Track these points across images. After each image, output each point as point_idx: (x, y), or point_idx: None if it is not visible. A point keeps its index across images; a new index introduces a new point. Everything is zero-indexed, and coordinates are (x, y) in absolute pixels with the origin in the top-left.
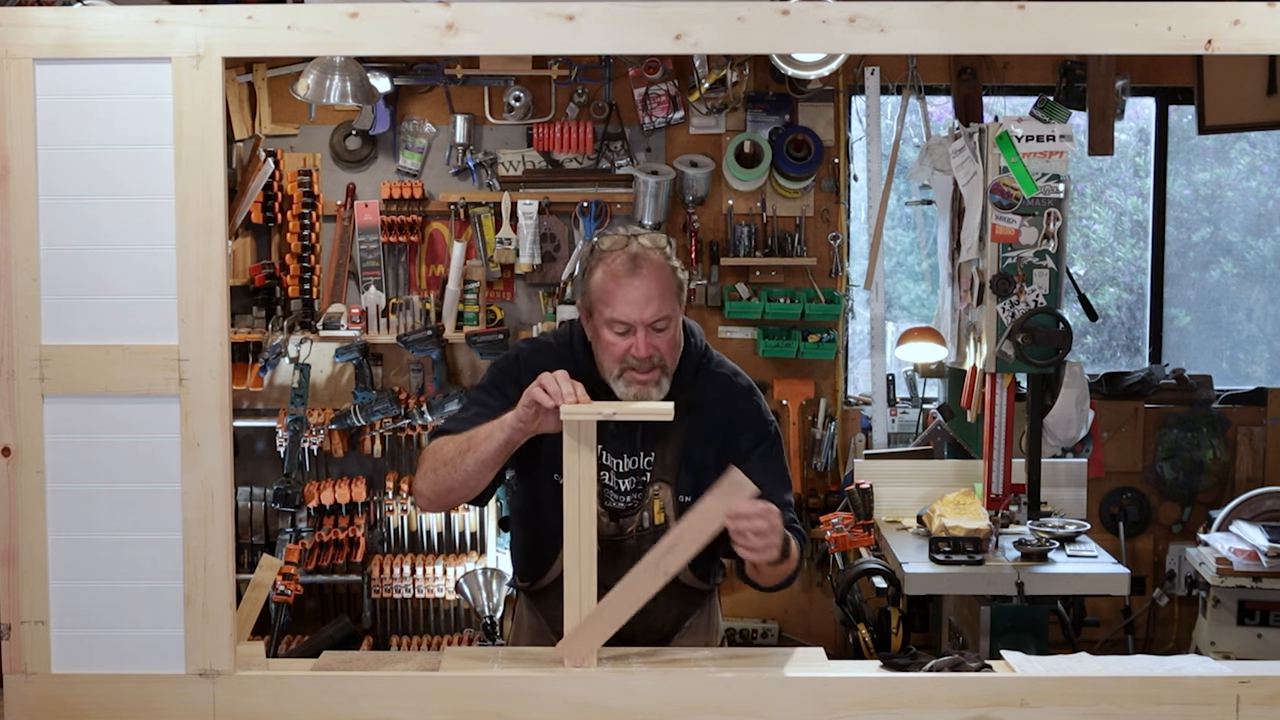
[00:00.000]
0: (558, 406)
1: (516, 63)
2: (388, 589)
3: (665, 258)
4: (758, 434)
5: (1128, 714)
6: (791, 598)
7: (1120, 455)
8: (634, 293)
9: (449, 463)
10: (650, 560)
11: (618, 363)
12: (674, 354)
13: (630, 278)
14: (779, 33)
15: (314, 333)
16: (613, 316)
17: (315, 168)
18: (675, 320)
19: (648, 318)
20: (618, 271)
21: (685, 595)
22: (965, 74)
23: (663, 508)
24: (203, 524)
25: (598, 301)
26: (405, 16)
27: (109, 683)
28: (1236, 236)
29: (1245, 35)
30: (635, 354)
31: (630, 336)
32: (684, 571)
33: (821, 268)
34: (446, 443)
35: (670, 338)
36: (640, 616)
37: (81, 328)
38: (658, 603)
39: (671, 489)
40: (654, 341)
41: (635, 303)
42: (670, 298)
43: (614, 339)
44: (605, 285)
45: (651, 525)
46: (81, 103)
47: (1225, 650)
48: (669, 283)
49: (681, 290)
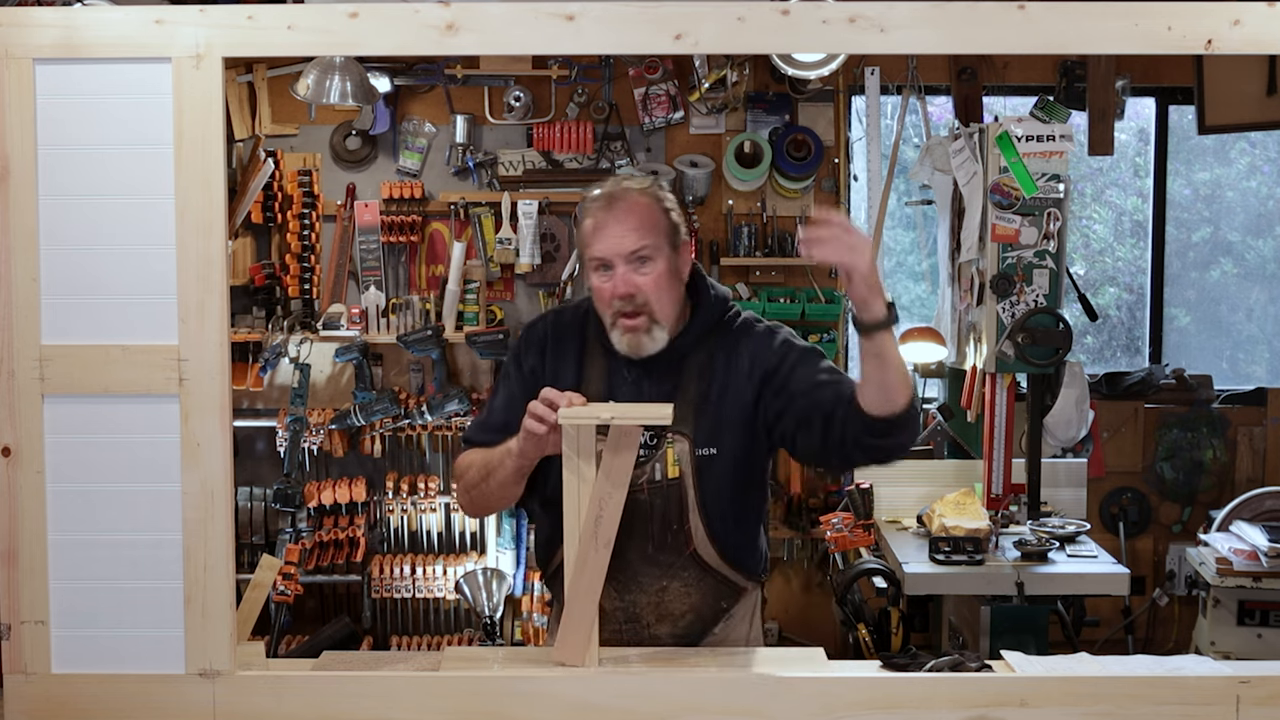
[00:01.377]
0: (557, 428)
1: (516, 63)
2: (388, 589)
3: (653, 198)
4: (780, 353)
5: (1128, 714)
6: (791, 597)
7: (1120, 455)
8: (609, 226)
9: (476, 486)
10: (587, 538)
11: (608, 308)
12: (663, 298)
13: (606, 214)
14: (779, 33)
15: (314, 333)
16: (591, 254)
17: (315, 168)
18: (663, 258)
19: (625, 250)
20: (595, 212)
21: (716, 588)
22: (965, 74)
23: (676, 460)
24: (203, 524)
25: (583, 249)
26: (405, 16)
27: (109, 683)
28: (1236, 236)
29: (1245, 35)
30: (615, 293)
31: (611, 274)
32: (713, 557)
33: (821, 268)
34: (470, 465)
35: (655, 276)
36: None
37: (81, 328)
38: (670, 582)
39: (689, 441)
40: (633, 279)
41: (611, 236)
42: (651, 232)
43: (600, 283)
44: (585, 229)
45: (664, 478)
46: (81, 103)
47: (1225, 650)
48: (651, 217)
49: (675, 231)
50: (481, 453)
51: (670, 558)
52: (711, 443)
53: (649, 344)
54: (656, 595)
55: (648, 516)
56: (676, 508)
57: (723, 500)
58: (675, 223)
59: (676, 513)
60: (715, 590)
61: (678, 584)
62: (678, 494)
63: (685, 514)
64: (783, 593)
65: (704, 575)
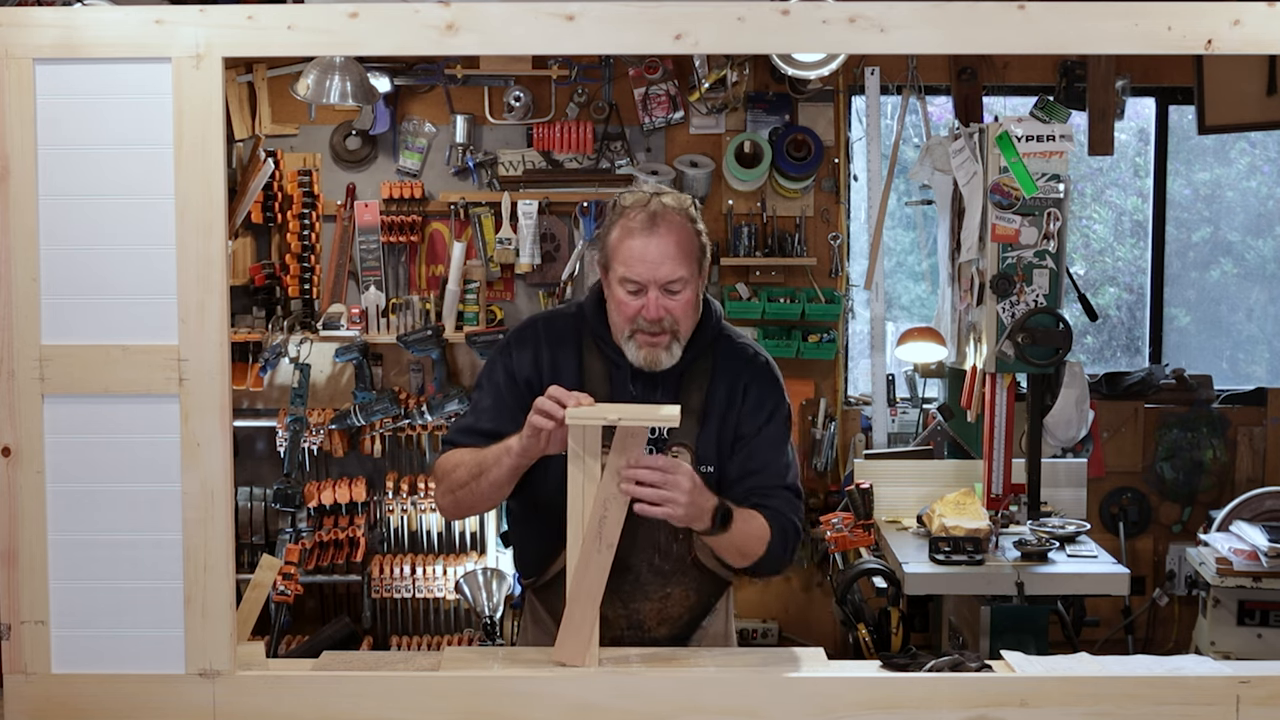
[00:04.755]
0: (561, 428)
1: (516, 63)
2: (388, 589)
3: (688, 219)
4: (771, 411)
5: (1128, 714)
6: (791, 597)
7: (1120, 455)
8: (649, 251)
9: (464, 486)
10: (590, 539)
11: (629, 323)
12: (688, 320)
13: (646, 235)
14: (779, 33)
15: (314, 333)
16: (625, 275)
17: (315, 168)
18: (693, 285)
19: (661, 278)
20: (634, 228)
21: (711, 587)
22: (965, 74)
23: None
24: (203, 524)
25: (612, 258)
26: (405, 16)
27: (109, 683)
28: (1236, 236)
29: (1245, 35)
30: (645, 315)
31: (642, 296)
32: (711, 560)
33: (821, 268)
34: (459, 465)
35: (685, 302)
36: (658, 606)
37: (81, 328)
38: (673, 589)
39: (692, 454)
40: (666, 304)
41: (649, 261)
42: (687, 260)
43: (626, 298)
44: (620, 242)
45: None
46: (81, 103)
47: (1225, 650)
48: (688, 245)
49: (703, 255)
50: (471, 452)
51: (675, 566)
52: (709, 461)
53: (666, 359)
54: (660, 602)
55: (654, 527)
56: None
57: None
58: (704, 245)
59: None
60: (710, 589)
61: (680, 589)
62: None
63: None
64: (783, 593)
65: (702, 577)
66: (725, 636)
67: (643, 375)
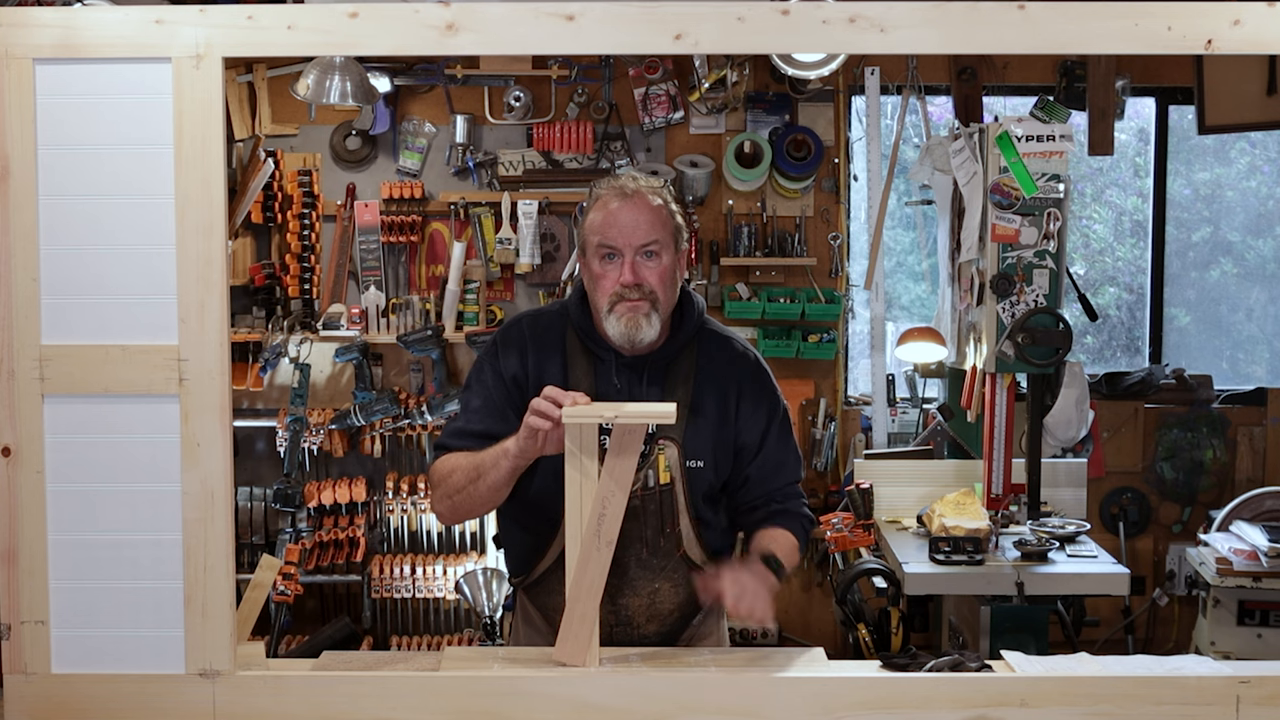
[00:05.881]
0: (558, 428)
1: (516, 63)
2: (388, 589)
3: (661, 199)
4: (769, 413)
5: (1128, 714)
6: (791, 597)
7: (1120, 455)
8: (622, 216)
9: (461, 490)
10: (589, 537)
11: (608, 296)
12: (665, 291)
13: (619, 206)
14: (779, 33)
15: (314, 333)
16: (600, 241)
17: (315, 168)
18: (669, 255)
19: (636, 242)
20: (608, 201)
21: (693, 580)
22: (965, 74)
23: (668, 467)
24: (203, 524)
25: (589, 236)
26: (405, 16)
27: (109, 683)
28: (1236, 236)
29: (1245, 35)
30: (623, 280)
31: (618, 262)
32: (699, 555)
33: (821, 268)
34: (454, 470)
35: (661, 272)
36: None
37: (81, 328)
38: (661, 584)
39: (679, 449)
40: (642, 272)
41: (622, 226)
42: (662, 228)
43: (603, 269)
44: (595, 219)
45: (656, 485)
46: (81, 103)
47: (1225, 650)
48: (660, 215)
49: (679, 233)
50: (466, 456)
51: (663, 561)
52: (698, 456)
53: (646, 328)
54: (648, 598)
55: (642, 522)
56: (669, 513)
57: (709, 503)
58: (679, 225)
59: (669, 517)
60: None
61: (668, 585)
62: (670, 499)
63: (677, 518)
64: (783, 593)
65: (690, 573)
66: (717, 638)
67: (627, 367)
